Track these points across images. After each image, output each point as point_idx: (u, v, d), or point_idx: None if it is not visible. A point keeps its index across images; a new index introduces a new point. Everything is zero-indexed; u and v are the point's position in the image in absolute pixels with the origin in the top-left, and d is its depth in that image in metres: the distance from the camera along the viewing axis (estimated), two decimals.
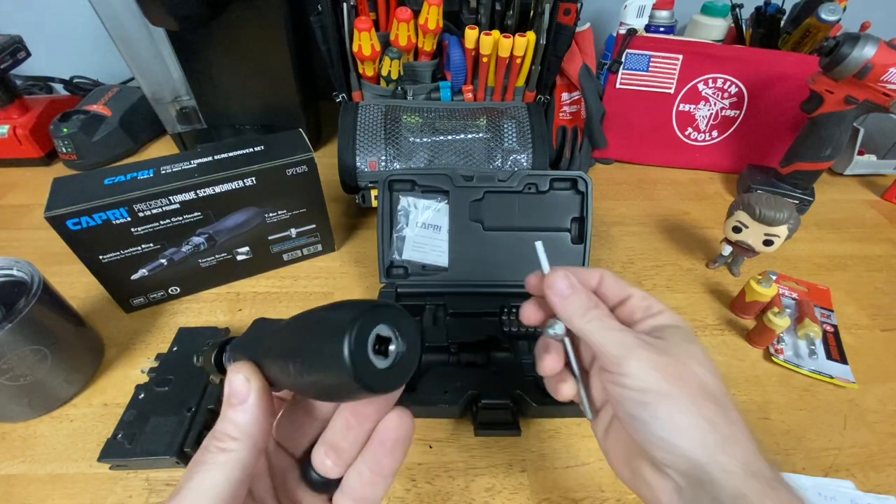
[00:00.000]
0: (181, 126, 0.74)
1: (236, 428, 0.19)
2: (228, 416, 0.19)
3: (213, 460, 0.18)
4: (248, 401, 0.19)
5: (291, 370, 0.18)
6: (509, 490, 0.39)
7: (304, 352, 0.17)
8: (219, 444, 0.19)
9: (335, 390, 0.17)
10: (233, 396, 0.19)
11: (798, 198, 0.67)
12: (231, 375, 0.20)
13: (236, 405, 0.19)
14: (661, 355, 0.23)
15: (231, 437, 0.19)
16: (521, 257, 0.52)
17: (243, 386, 0.19)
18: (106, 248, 0.46)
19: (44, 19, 0.83)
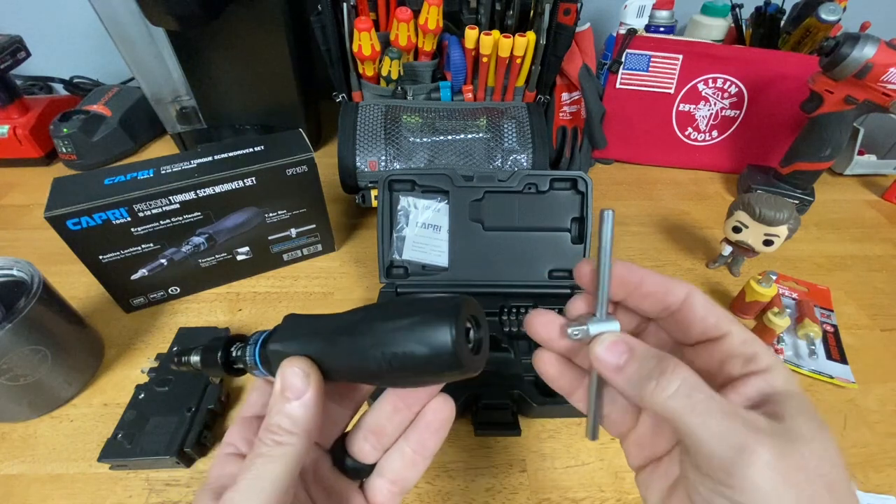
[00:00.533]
0: (181, 126, 0.74)
1: (292, 422, 0.19)
2: (285, 410, 0.19)
3: (269, 453, 0.18)
4: (306, 395, 0.19)
5: (374, 359, 0.18)
6: (509, 490, 0.39)
7: (399, 341, 0.18)
8: (275, 438, 0.19)
9: (431, 374, 0.19)
10: (289, 390, 0.19)
11: (798, 198, 0.67)
12: (286, 369, 0.19)
13: (292, 399, 0.19)
14: (787, 454, 0.16)
15: (287, 430, 0.19)
16: (521, 257, 0.52)
17: (301, 380, 0.19)
18: (106, 248, 0.46)
19: (44, 19, 0.83)
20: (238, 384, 0.45)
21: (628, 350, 0.19)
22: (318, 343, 0.20)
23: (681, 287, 0.20)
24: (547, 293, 0.51)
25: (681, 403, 0.17)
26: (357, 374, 0.20)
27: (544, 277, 0.52)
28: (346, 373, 0.20)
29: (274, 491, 0.18)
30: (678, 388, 0.17)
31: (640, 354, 0.19)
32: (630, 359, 0.19)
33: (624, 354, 0.19)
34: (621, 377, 0.19)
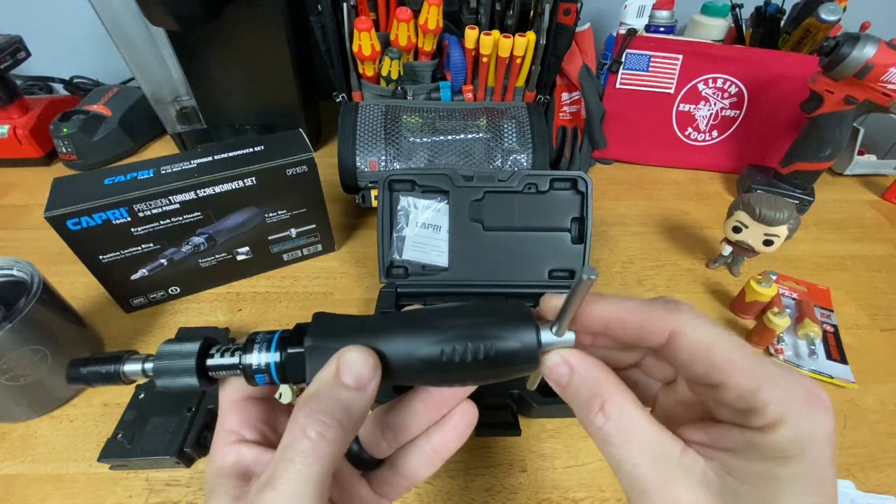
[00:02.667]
0: (181, 126, 0.74)
1: (346, 413, 0.17)
2: (341, 398, 0.17)
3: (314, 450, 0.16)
4: (369, 388, 0.17)
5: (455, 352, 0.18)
6: (509, 490, 0.39)
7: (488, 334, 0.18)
8: (321, 430, 0.16)
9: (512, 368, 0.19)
10: (352, 378, 0.17)
11: (798, 198, 0.67)
12: (350, 355, 0.18)
13: (353, 389, 0.17)
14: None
15: (338, 422, 0.17)
16: (521, 257, 0.52)
17: (367, 370, 0.17)
18: (106, 248, 0.46)
19: (44, 19, 0.83)
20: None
21: (569, 371, 0.18)
22: (372, 338, 0.19)
23: (662, 322, 0.17)
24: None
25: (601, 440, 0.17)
26: (419, 370, 0.19)
27: (544, 277, 0.52)
28: (407, 368, 0.19)
29: (319, 491, 0.16)
30: (600, 427, 0.17)
31: (578, 379, 0.18)
32: (570, 380, 0.18)
33: (564, 377, 0.18)
34: (566, 395, 0.18)
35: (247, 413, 0.21)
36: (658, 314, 0.17)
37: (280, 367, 0.19)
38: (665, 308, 0.17)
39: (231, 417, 0.20)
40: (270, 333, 0.20)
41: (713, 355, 0.16)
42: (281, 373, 0.19)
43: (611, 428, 0.17)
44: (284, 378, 0.19)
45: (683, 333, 0.17)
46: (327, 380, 0.17)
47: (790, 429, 0.15)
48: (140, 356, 0.20)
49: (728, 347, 0.16)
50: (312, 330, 0.19)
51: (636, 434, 0.16)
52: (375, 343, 0.19)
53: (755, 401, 0.16)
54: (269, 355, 0.19)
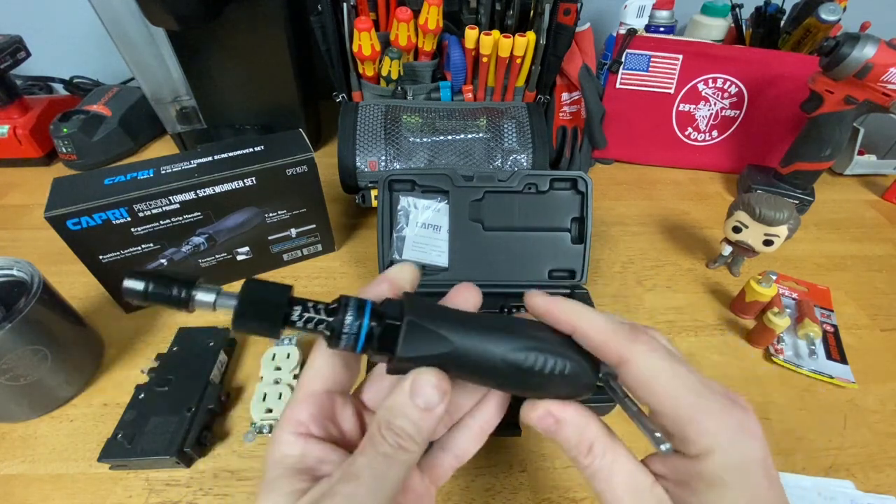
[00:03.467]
0: (181, 126, 0.74)
1: (417, 431, 0.19)
2: (415, 418, 0.19)
3: (394, 456, 0.18)
4: (437, 410, 0.19)
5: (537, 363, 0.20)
6: (509, 490, 0.39)
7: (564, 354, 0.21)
8: (400, 441, 0.18)
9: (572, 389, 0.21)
10: (423, 400, 0.19)
11: (798, 198, 0.67)
12: (424, 378, 0.19)
13: (424, 410, 0.19)
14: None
15: (411, 438, 0.18)
16: (521, 257, 0.52)
17: (435, 394, 0.19)
18: (106, 248, 0.46)
19: (44, 19, 0.83)
20: (237, 384, 0.45)
21: (555, 423, 0.21)
22: (460, 330, 0.20)
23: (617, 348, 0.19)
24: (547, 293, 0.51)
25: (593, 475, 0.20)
26: (496, 371, 0.20)
27: (544, 277, 0.52)
28: (485, 367, 0.20)
29: (393, 493, 0.18)
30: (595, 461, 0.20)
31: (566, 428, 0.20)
32: (557, 430, 0.21)
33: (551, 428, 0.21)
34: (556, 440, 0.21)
35: (319, 407, 0.21)
36: (616, 339, 0.19)
37: (370, 334, 0.19)
38: (626, 335, 0.20)
39: (303, 408, 0.20)
40: (360, 300, 0.20)
41: (653, 385, 0.19)
42: (369, 340, 0.20)
43: (597, 466, 0.19)
44: (368, 346, 0.20)
45: (633, 362, 0.19)
46: (403, 397, 0.19)
47: (721, 456, 0.17)
48: (215, 287, 0.19)
49: (670, 379, 0.19)
50: (410, 308, 0.20)
51: (617, 471, 0.19)
52: (467, 334, 0.20)
53: (687, 431, 0.18)
54: (362, 320, 0.19)
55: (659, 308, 0.55)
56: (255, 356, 0.48)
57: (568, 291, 0.51)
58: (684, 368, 0.19)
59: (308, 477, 0.19)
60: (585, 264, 0.51)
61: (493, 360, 0.20)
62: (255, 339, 0.49)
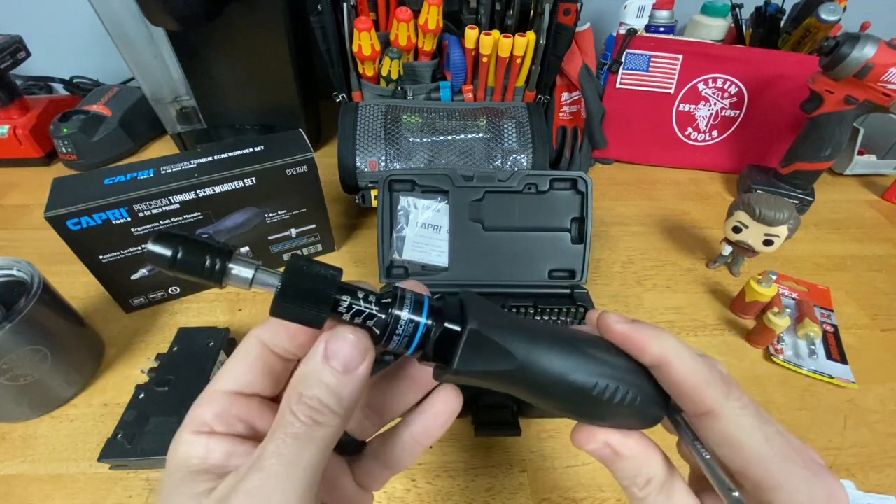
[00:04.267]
0: (181, 126, 0.74)
1: (337, 400, 0.16)
2: (332, 384, 0.16)
3: (307, 434, 0.15)
4: (358, 371, 0.16)
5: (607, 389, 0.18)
6: (509, 490, 0.39)
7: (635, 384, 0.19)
8: (313, 415, 0.16)
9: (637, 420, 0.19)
10: (340, 362, 0.16)
11: (798, 198, 0.67)
12: (339, 336, 0.16)
13: (342, 373, 0.16)
14: None
15: (329, 409, 0.16)
16: (521, 257, 0.52)
17: (355, 353, 0.16)
18: (106, 248, 0.46)
19: (44, 19, 0.83)
20: None
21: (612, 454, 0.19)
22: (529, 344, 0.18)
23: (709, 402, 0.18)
24: (547, 293, 0.51)
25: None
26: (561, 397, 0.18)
27: (544, 277, 0.52)
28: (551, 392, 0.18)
29: (310, 480, 0.15)
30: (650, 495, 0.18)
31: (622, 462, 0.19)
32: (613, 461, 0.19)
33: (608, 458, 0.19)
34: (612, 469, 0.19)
35: (226, 406, 0.18)
36: (709, 390, 0.18)
37: (425, 336, 0.17)
38: (720, 385, 0.18)
39: (208, 407, 0.18)
40: (418, 295, 0.18)
41: (742, 446, 0.17)
42: (423, 342, 0.17)
43: (651, 501, 0.18)
44: (421, 349, 0.18)
45: (724, 418, 0.17)
46: (315, 363, 0.16)
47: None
48: (254, 261, 0.16)
49: (761, 442, 0.17)
50: (475, 312, 0.17)
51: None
52: (536, 352, 0.18)
53: (771, 497, 0.16)
54: (420, 318, 0.17)
55: (659, 308, 0.55)
56: None
57: (568, 292, 0.51)
58: (774, 429, 0.17)
59: (214, 476, 0.16)
60: (585, 264, 0.51)
61: (559, 383, 0.18)
62: None
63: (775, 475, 0.16)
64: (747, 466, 0.17)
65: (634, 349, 0.19)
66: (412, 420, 0.20)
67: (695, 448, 0.18)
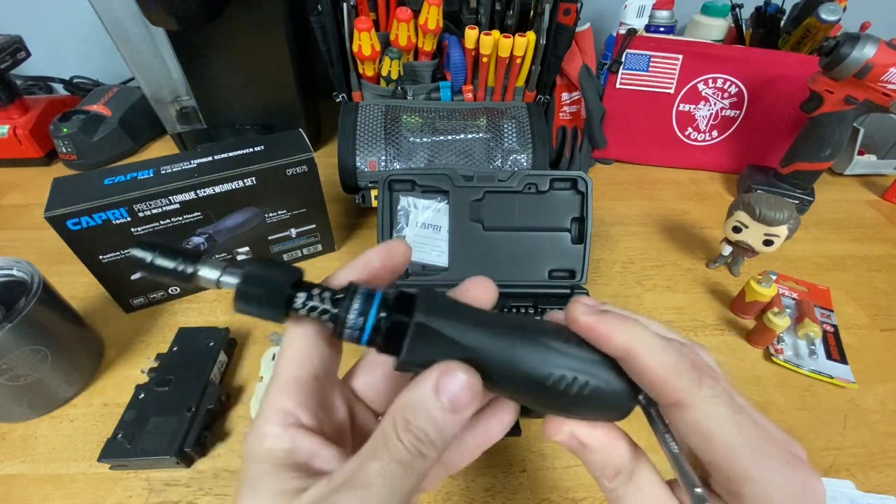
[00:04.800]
0: (181, 126, 0.74)
1: (441, 438, 0.16)
2: (439, 420, 0.16)
3: (411, 464, 0.16)
4: (465, 413, 0.16)
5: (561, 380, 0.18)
6: (509, 490, 0.39)
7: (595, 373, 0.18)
8: (420, 448, 0.16)
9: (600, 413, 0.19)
10: (449, 399, 0.16)
11: (798, 198, 0.67)
12: (452, 373, 0.16)
13: (450, 412, 0.16)
14: None
15: (434, 445, 0.16)
16: (521, 257, 0.52)
17: (465, 394, 0.16)
18: (106, 248, 0.46)
19: (44, 19, 0.83)
20: (237, 384, 0.45)
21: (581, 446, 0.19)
22: (481, 333, 0.18)
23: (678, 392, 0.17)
24: (547, 293, 0.51)
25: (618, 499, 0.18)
26: (518, 389, 0.18)
27: (544, 277, 0.52)
28: (507, 384, 0.18)
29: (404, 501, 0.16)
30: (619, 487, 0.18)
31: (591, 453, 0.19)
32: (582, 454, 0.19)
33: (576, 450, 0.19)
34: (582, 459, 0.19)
35: (308, 394, 0.18)
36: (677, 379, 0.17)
37: (375, 330, 0.18)
38: (689, 374, 0.17)
39: (289, 396, 0.18)
40: (371, 288, 0.18)
41: (713, 436, 0.16)
42: (374, 335, 0.18)
43: (621, 493, 0.18)
44: (373, 342, 0.18)
45: (694, 408, 0.17)
46: (426, 394, 0.16)
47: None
48: (221, 263, 0.18)
49: (733, 433, 0.16)
50: (423, 305, 0.18)
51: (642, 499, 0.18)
52: (483, 342, 0.17)
53: (742, 489, 0.16)
54: (370, 313, 0.18)
55: (659, 308, 0.55)
56: (255, 356, 0.48)
57: (568, 291, 0.51)
58: (748, 419, 0.17)
59: (300, 474, 0.16)
60: (585, 264, 0.51)
61: (514, 375, 0.18)
62: (255, 339, 0.49)
63: (745, 466, 0.16)
64: (718, 457, 0.16)
65: (599, 341, 0.18)
66: (475, 425, 0.20)
67: (663, 440, 0.18)
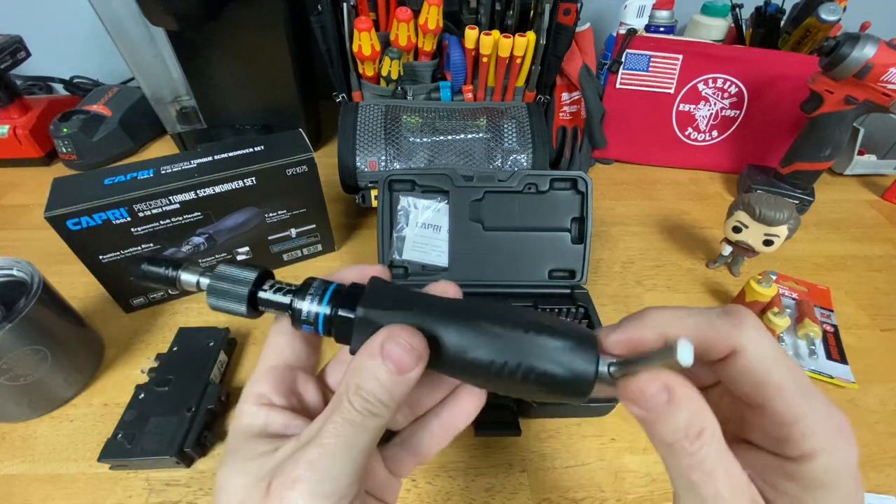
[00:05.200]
0: (181, 126, 0.74)
1: (389, 396, 0.17)
2: (385, 382, 0.17)
3: (362, 423, 0.17)
4: (411, 374, 0.17)
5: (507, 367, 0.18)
6: (509, 490, 0.39)
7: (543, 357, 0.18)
8: (368, 407, 0.17)
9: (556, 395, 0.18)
10: (392, 361, 0.17)
11: (798, 198, 0.67)
12: (397, 339, 0.17)
13: (395, 373, 0.17)
14: None
15: (382, 402, 0.17)
16: (521, 257, 0.52)
17: (408, 358, 0.17)
18: (106, 248, 0.46)
19: (44, 19, 0.83)
20: (237, 384, 0.45)
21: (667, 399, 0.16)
22: (427, 321, 0.18)
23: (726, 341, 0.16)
24: (547, 293, 0.51)
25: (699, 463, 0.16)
26: (468, 370, 0.19)
27: (544, 277, 0.52)
28: (455, 364, 0.18)
29: (361, 461, 0.17)
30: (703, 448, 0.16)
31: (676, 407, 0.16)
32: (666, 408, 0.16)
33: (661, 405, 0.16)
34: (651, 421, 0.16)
35: (281, 380, 0.21)
36: (723, 331, 0.16)
37: (327, 323, 0.19)
38: (728, 322, 0.17)
39: (265, 382, 0.20)
40: (326, 283, 0.20)
41: (766, 377, 0.16)
42: (327, 327, 0.19)
43: (704, 454, 0.16)
44: (329, 332, 0.20)
45: (746, 351, 0.16)
46: (371, 358, 0.17)
47: (823, 461, 0.16)
48: (199, 268, 0.21)
49: (783, 373, 0.16)
50: (366, 300, 0.19)
51: (722, 461, 0.16)
52: (429, 328, 0.18)
53: (792, 432, 0.16)
54: (320, 307, 0.19)
55: None
56: (255, 356, 0.48)
57: (568, 292, 0.51)
58: (792, 361, 0.17)
59: (272, 440, 0.19)
60: (585, 264, 0.51)
61: (462, 359, 0.18)
62: (255, 339, 0.49)
63: (798, 405, 0.16)
64: (772, 399, 0.16)
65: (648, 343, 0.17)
66: (440, 411, 0.22)
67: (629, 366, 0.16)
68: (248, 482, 0.17)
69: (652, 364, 0.16)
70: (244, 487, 0.17)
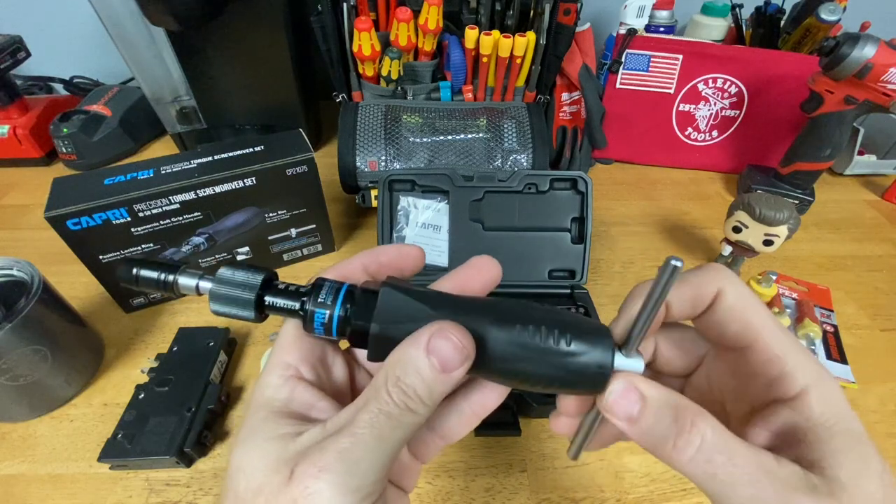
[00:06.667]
0: (181, 126, 0.74)
1: (429, 394, 0.16)
2: (427, 377, 0.16)
3: (399, 418, 0.16)
4: (455, 374, 0.17)
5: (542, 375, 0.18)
6: (509, 490, 0.39)
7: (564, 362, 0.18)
8: (409, 403, 0.16)
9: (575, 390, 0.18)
10: (440, 360, 0.16)
11: (798, 198, 0.67)
12: (444, 333, 0.16)
13: (438, 370, 0.16)
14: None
15: (422, 400, 0.16)
16: (521, 257, 0.52)
17: (456, 356, 0.16)
18: (106, 248, 0.46)
19: (44, 19, 0.83)
20: (237, 384, 0.45)
21: (641, 399, 0.16)
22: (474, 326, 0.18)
23: (712, 284, 0.17)
24: (547, 293, 0.51)
25: (701, 469, 0.15)
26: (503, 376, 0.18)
27: (544, 277, 0.52)
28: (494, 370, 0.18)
29: (392, 456, 0.16)
30: (696, 451, 0.15)
31: (655, 406, 0.16)
32: (643, 410, 0.16)
33: (636, 404, 0.16)
34: (635, 430, 0.16)
35: (308, 350, 0.20)
36: (706, 279, 0.18)
37: (341, 325, 0.18)
38: (709, 272, 0.18)
39: (291, 352, 0.19)
40: (338, 284, 0.19)
41: (749, 315, 0.17)
42: (341, 330, 0.18)
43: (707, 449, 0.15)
44: (343, 334, 0.19)
45: (726, 292, 0.17)
46: (417, 352, 0.16)
47: (818, 396, 0.16)
48: (197, 272, 0.19)
49: (761, 311, 0.17)
50: (380, 314, 0.18)
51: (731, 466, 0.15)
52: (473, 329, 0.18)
53: (783, 365, 0.16)
54: (334, 310, 0.18)
55: None
56: (255, 356, 0.48)
57: (568, 291, 0.51)
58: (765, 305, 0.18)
59: (296, 421, 0.17)
60: (585, 264, 0.51)
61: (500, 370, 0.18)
62: (255, 339, 0.49)
63: (783, 343, 0.17)
64: (759, 334, 0.17)
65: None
66: (469, 393, 0.21)
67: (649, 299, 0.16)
68: (269, 465, 0.16)
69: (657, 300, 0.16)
70: (263, 471, 0.16)
